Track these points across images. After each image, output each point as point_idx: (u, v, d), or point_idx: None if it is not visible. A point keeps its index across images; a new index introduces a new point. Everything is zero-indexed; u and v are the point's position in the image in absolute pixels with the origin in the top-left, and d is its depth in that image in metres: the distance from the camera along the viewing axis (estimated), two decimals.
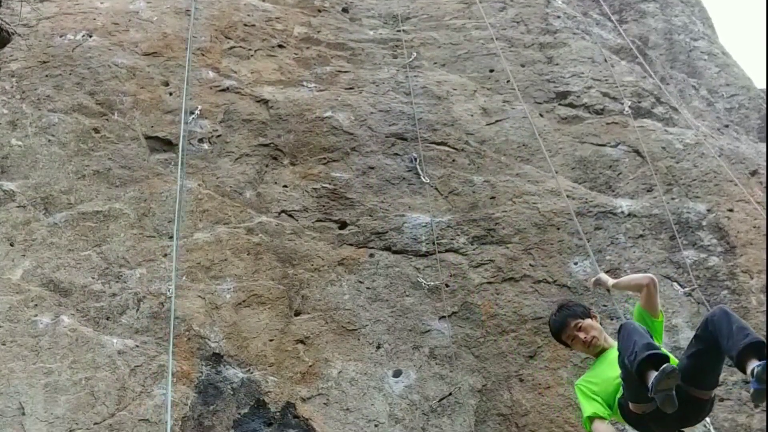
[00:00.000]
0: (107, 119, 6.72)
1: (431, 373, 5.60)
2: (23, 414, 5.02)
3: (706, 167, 6.72)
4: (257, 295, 5.83)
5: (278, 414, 5.30)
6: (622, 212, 6.41)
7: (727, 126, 8.76)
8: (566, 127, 7.14)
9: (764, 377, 3.05)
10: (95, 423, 5.06)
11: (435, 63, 7.91)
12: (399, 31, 8.20)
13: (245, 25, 7.93)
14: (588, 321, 4.12)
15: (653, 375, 3.28)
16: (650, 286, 4.00)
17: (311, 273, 6.03)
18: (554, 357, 5.59)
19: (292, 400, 5.37)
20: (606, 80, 7.56)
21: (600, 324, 4.23)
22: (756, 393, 3.14)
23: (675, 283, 5.99)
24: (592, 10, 9.55)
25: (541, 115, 7.26)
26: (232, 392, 5.35)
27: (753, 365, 3.13)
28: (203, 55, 7.45)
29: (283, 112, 7.04)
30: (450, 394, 5.50)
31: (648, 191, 6.55)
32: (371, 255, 6.17)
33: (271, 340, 5.64)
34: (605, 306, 5.72)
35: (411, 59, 7.81)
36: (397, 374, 5.58)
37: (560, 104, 7.39)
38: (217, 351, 5.50)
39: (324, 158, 6.75)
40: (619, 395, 3.81)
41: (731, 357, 3.30)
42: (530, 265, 6.09)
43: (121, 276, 5.78)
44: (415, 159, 6.75)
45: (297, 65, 7.65)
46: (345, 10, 8.52)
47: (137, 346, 5.43)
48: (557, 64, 7.80)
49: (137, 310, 5.62)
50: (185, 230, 6.08)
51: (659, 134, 7.03)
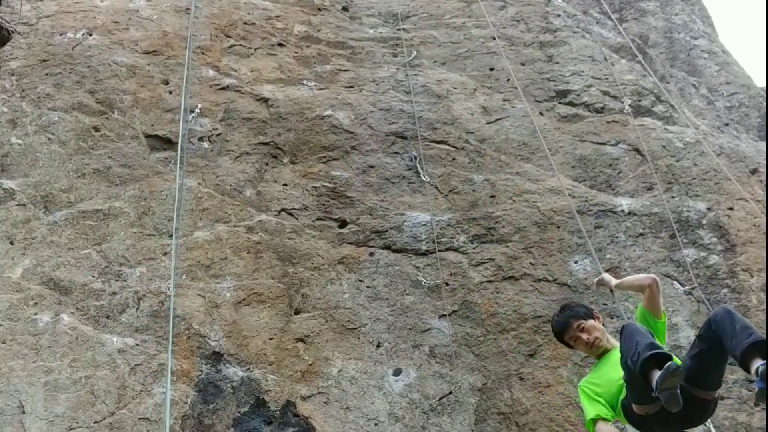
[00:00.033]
0: (107, 118, 6.71)
1: (431, 372, 5.59)
2: (23, 412, 5.02)
3: (706, 166, 6.72)
4: (257, 294, 5.83)
5: (278, 412, 5.30)
6: (622, 211, 6.41)
7: (727, 124, 8.76)
8: (566, 126, 7.14)
9: None
10: (95, 421, 5.05)
11: (435, 61, 7.90)
12: (399, 30, 8.19)
13: (245, 24, 7.93)
14: (591, 322, 4.10)
15: (657, 374, 3.26)
16: (653, 287, 3.99)
17: (311, 271, 6.02)
18: (554, 355, 5.59)
19: (292, 399, 5.37)
20: (606, 79, 7.56)
21: (603, 324, 4.22)
22: (761, 392, 3.12)
23: (675, 282, 5.99)
24: (592, 9, 9.55)
25: (541, 114, 7.26)
26: (232, 391, 5.35)
27: (757, 364, 3.12)
28: (203, 54, 7.44)
29: (283, 111, 7.04)
30: (450, 393, 5.49)
31: (648, 190, 6.55)
32: (371, 254, 6.17)
33: (271, 339, 5.64)
34: (605, 305, 5.72)
35: (411, 58, 7.81)
36: (397, 373, 5.58)
37: (560, 103, 7.38)
38: (217, 349, 5.50)
39: (324, 157, 6.74)
40: (623, 397, 3.79)
41: (735, 356, 3.28)
42: (530, 264, 6.09)
43: (121, 274, 5.77)
44: (415, 157, 6.74)
45: (297, 64, 7.64)
46: (345, 9, 8.52)
47: (137, 345, 5.43)
48: (557, 63, 7.79)
49: (137, 309, 5.62)
50: (185, 229, 6.07)
51: (659, 133, 7.03)
